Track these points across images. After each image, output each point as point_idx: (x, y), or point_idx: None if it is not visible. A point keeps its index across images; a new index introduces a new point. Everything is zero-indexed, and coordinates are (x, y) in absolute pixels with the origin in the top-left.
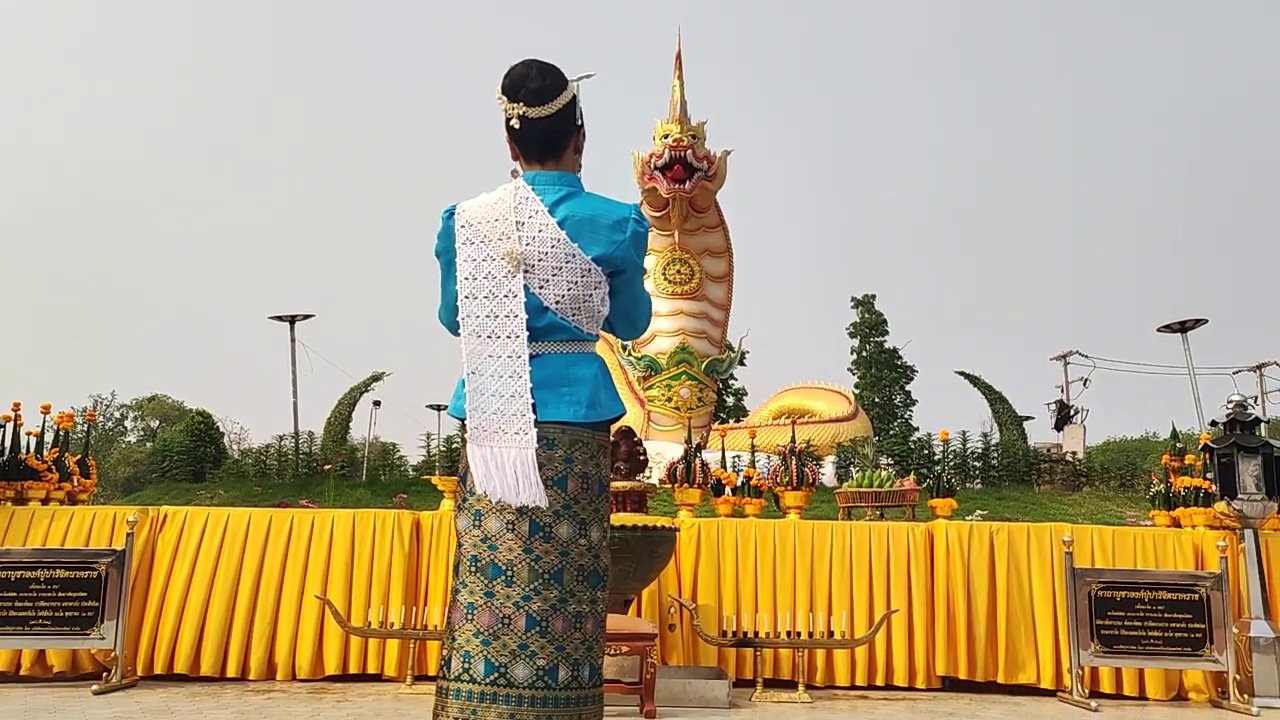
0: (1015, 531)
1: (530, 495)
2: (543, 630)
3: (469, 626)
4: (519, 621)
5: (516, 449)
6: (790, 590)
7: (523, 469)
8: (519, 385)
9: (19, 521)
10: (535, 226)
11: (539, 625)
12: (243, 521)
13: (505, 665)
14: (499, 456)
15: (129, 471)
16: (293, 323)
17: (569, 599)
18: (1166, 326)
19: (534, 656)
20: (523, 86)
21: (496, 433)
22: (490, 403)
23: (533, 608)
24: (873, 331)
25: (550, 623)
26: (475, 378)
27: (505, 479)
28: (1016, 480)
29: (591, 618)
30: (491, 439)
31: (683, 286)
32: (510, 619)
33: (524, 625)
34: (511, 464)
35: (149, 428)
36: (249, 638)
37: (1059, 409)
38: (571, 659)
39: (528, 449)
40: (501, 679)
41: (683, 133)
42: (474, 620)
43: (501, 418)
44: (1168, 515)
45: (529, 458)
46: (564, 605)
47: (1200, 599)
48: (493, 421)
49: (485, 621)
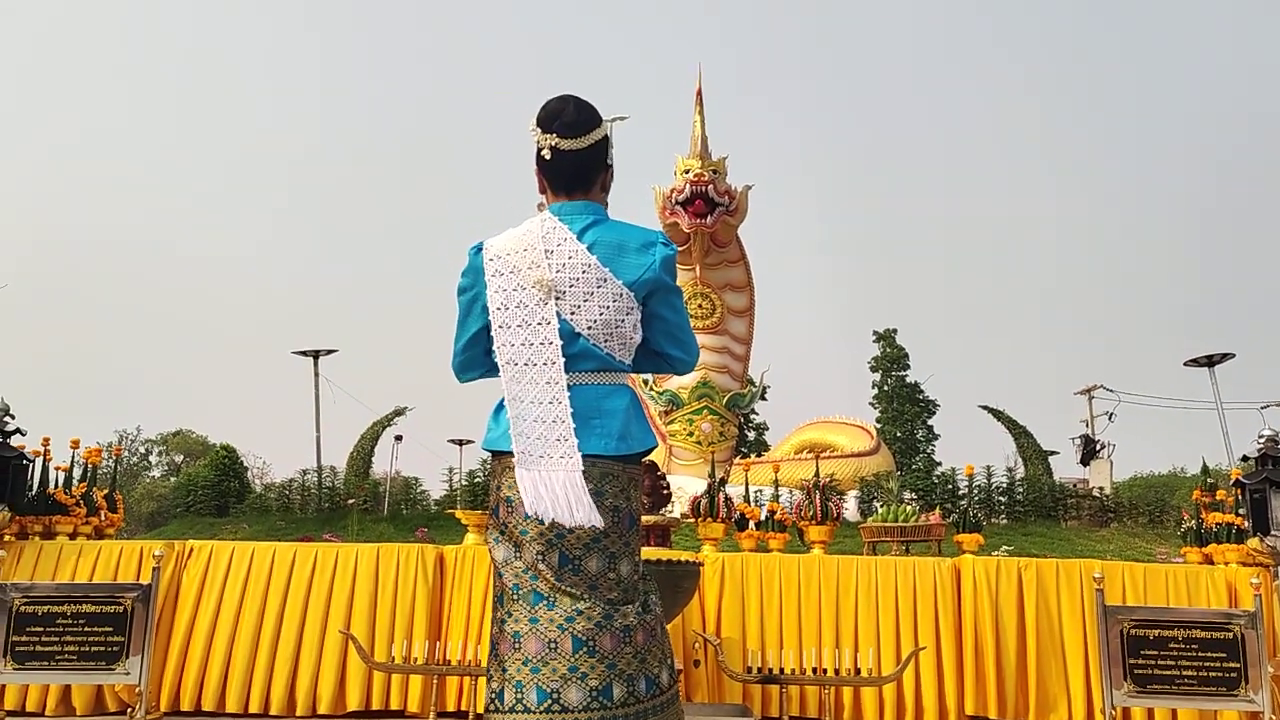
0: (1044, 568)
1: (584, 515)
2: (591, 650)
3: (518, 655)
4: (565, 644)
5: (564, 472)
6: (816, 626)
7: (574, 491)
8: (559, 410)
9: (47, 556)
10: (565, 253)
11: (586, 645)
12: (267, 556)
13: (557, 690)
14: (548, 479)
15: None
16: (316, 357)
17: (614, 614)
18: (1193, 360)
19: (585, 678)
20: (558, 119)
21: (543, 457)
22: (533, 429)
23: (578, 629)
24: (894, 366)
25: (598, 641)
26: (515, 405)
27: (556, 501)
28: (1043, 516)
29: (641, 629)
30: (539, 463)
31: (704, 321)
32: (557, 643)
33: (571, 647)
34: (561, 486)
35: (173, 462)
36: (271, 672)
37: (1085, 444)
38: (625, 674)
39: (575, 471)
40: (555, 704)
41: (704, 168)
42: (521, 648)
43: (545, 443)
44: (1200, 551)
45: (577, 480)
46: (609, 621)
47: (1234, 638)
48: (537, 446)
49: (533, 648)
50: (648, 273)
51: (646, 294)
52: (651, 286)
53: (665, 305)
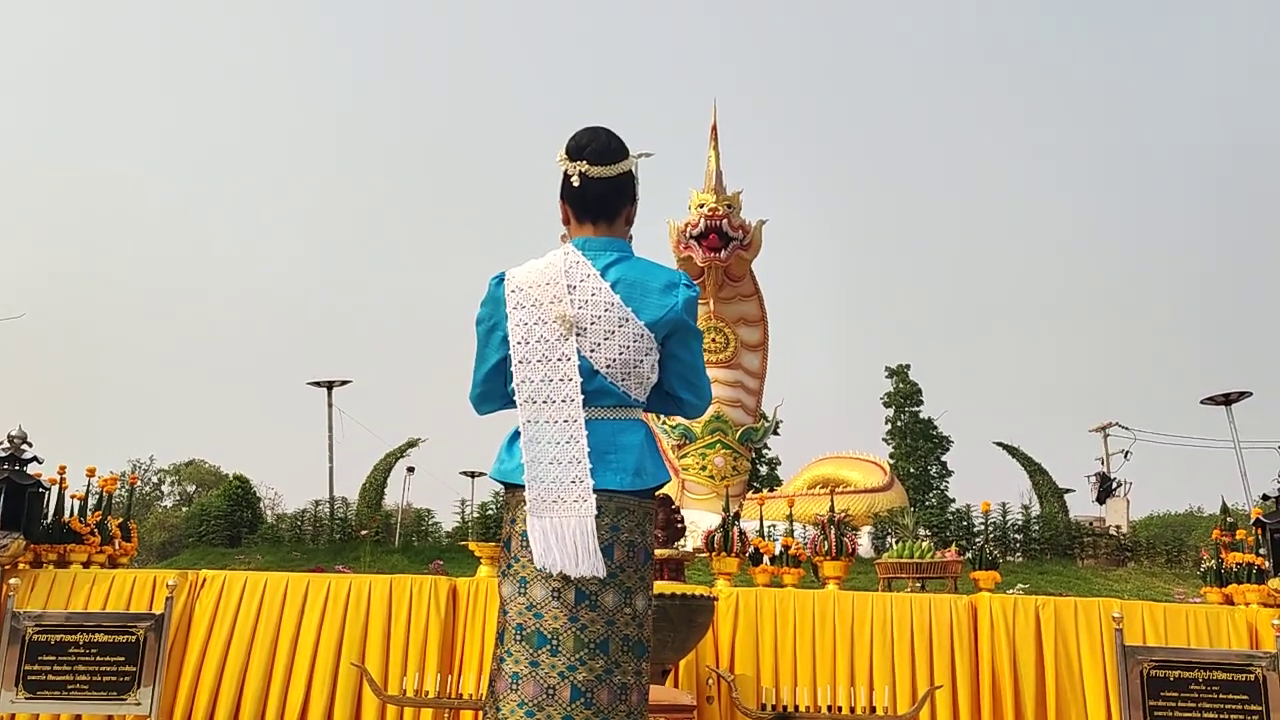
0: (1062, 606)
1: (590, 566)
2: (588, 701)
3: (514, 697)
4: (564, 692)
5: (576, 518)
6: (830, 663)
7: (583, 540)
8: (576, 450)
9: (60, 585)
10: (588, 290)
11: (584, 696)
12: (280, 586)
13: None
14: (559, 528)
15: (164, 536)
16: (330, 388)
17: (614, 670)
18: (1210, 399)
19: None
20: (588, 146)
21: (556, 502)
22: (549, 471)
23: (578, 678)
24: (907, 401)
25: (596, 694)
26: (532, 446)
27: (565, 550)
28: (1058, 554)
29: (636, 689)
30: (552, 509)
31: (718, 355)
32: (555, 690)
33: (569, 696)
34: (571, 534)
35: (185, 492)
36: (285, 704)
37: (1100, 481)
38: None
39: (587, 517)
40: None
41: (718, 202)
42: (519, 690)
43: (560, 485)
44: (1220, 592)
45: (589, 526)
46: (609, 676)
47: (1256, 679)
48: (551, 490)
49: (530, 692)
50: (670, 314)
51: (666, 334)
52: (672, 327)
53: (683, 347)
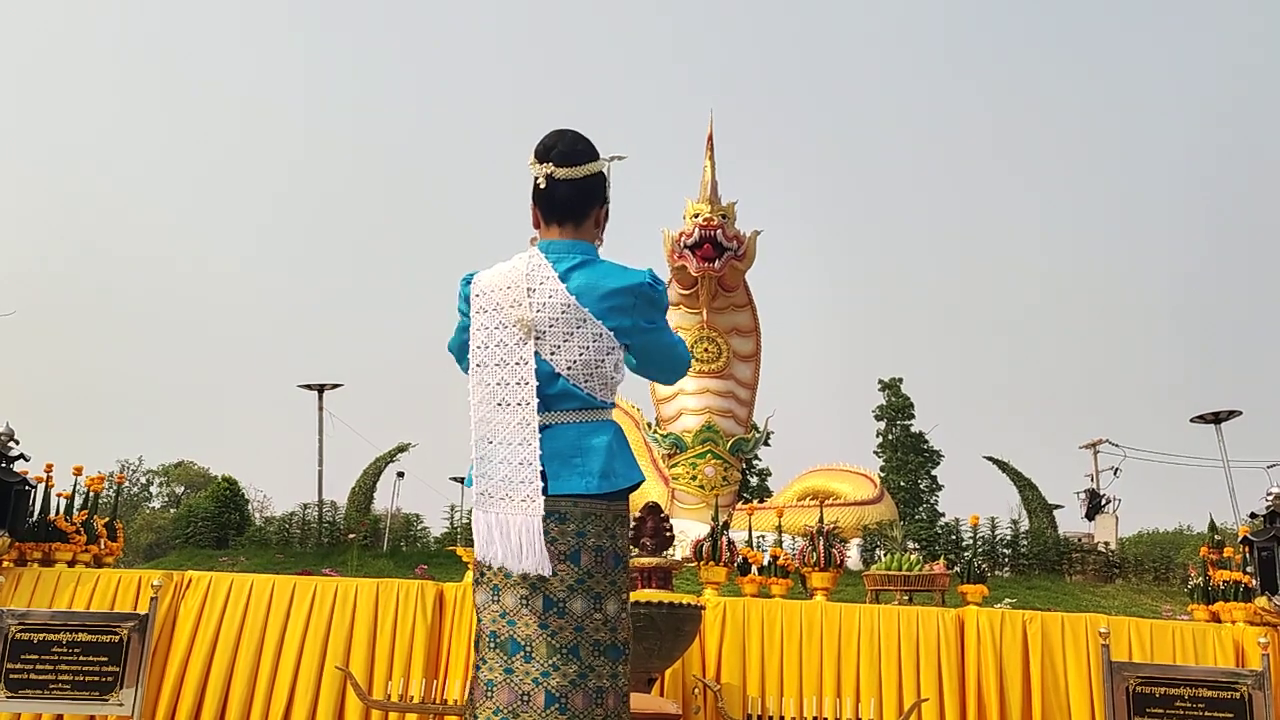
0: (1049, 621)
1: (533, 563)
2: (562, 707)
3: (489, 704)
4: (538, 699)
5: (523, 515)
6: (817, 674)
7: (528, 536)
8: (528, 453)
9: (45, 583)
10: (546, 293)
11: (559, 702)
12: (266, 588)
13: None
14: (504, 522)
15: (151, 538)
16: (321, 391)
17: (588, 674)
18: (1200, 417)
19: None
20: (554, 148)
21: (503, 499)
22: (498, 470)
23: (551, 684)
24: (899, 415)
25: (570, 699)
26: (484, 445)
27: (509, 544)
28: (1047, 569)
29: (613, 693)
30: (498, 505)
31: (710, 365)
32: (529, 696)
33: (543, 702)
34: (517, 530)
35: (174, 494)
36: (269, 707)
37: (1090, 498)
38: None
39: (534, 516)
40: None
41: (713, 212)
42: (493, 698)
43: (509, 485)
44: (1207, 609)
45: (535, 525)
46: (584, 681)
47: (1242, 698)
48: (499, 488)
49: (505, 699)
50: (627, 316)
51: (629, 334)
52: (631, 330)
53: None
